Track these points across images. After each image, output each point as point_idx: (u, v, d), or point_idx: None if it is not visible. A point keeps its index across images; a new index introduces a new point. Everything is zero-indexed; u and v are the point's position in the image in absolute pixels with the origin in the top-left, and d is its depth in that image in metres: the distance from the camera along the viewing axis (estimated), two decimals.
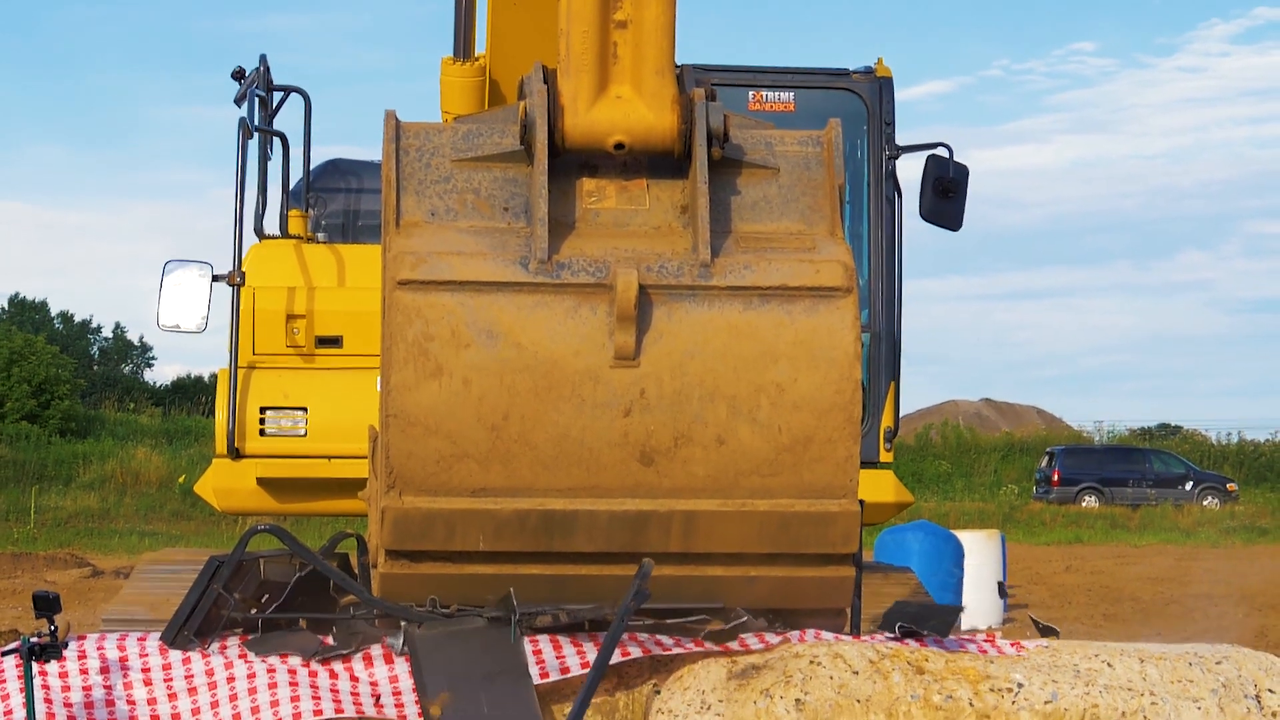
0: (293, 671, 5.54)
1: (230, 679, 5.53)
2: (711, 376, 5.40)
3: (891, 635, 5.76)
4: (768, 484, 5.46)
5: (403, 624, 5.64)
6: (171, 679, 5.53)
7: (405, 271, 5.36)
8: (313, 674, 5.54)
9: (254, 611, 5.79)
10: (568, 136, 5.45)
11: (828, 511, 5.51)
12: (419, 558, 5.55)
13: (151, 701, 5.47)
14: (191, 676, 5.54)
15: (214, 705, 5.46)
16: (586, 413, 5.37)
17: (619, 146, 5.49)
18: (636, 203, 5.60)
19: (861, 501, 5.65)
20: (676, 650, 5.55)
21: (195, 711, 5.45)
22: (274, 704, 5.41)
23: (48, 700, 5.31)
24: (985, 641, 5.66)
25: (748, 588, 5.63)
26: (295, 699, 5.44)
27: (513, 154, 5.54)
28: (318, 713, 5.39)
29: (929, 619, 5.86)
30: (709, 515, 5.48)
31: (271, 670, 5.54)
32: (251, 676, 5.52)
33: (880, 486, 8.05)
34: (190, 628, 5.67)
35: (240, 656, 5.60)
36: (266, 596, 5.89)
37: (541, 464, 5.40)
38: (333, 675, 5.55)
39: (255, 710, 5.43)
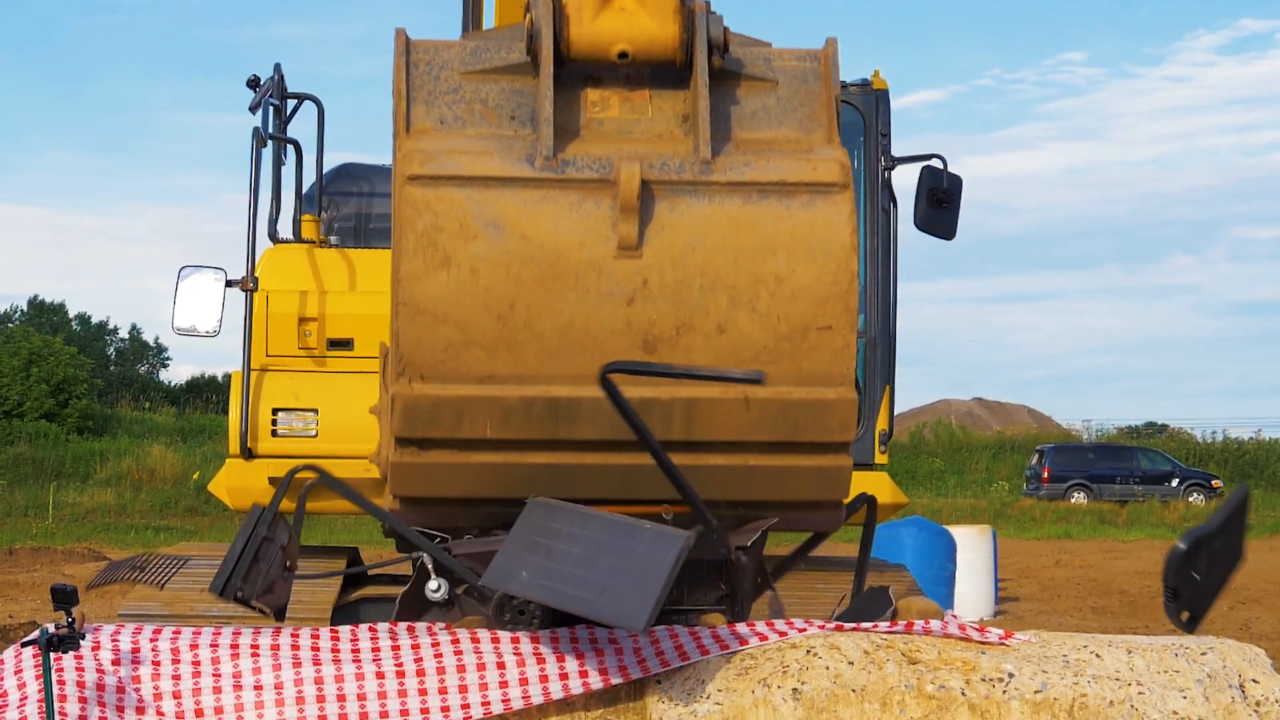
0: (298, 664, 5.55)
1: (237, 673, 5.53)
2: (712, 267, 5.43)
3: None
4: (767, 372, 5.47)
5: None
6: (179, 670, 5.54)
7: (414, 167, 5.40)
8: (335, 667, 5.55)
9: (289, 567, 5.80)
10: (573, 45, 5.48)
11: (825, 399, 5.53)
12: (427, 445, 5.56)
13: (158, 696, 5.49)
14: (198, 664, 5.55)
15: (217, 691, 5.47)
16: (590, 302, 5.40)
17: (622, 56, 5.52)
18: (639, 112, 5.63)
19: (872, 498, 5.65)
20: (678, 663, 5.55)
21: (197, 693, 5.46)
22: (300, 700, 5.43)
23: (61, 697, 5.31)
24: (976, 631, 5.67)
25: (748, 478, 5.61)
26: (300, 700, 5.45)
27: (519, 66, 5.57)
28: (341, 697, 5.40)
29: (868, 613, 5.91)
30: (710, 402, 5.50)
31: (280, 667, 5.55)
32: (278, 669, 5.54)
33: (876, 488, 8.06)
34: (239, 575, 5.69)
35: (252, 648, 5.62)
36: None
37: (547, 352, 5.42)
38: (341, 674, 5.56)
39: (272, 704, 5.44)
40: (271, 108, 8.22)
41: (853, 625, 5.69)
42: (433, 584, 5.86)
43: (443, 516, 5.80)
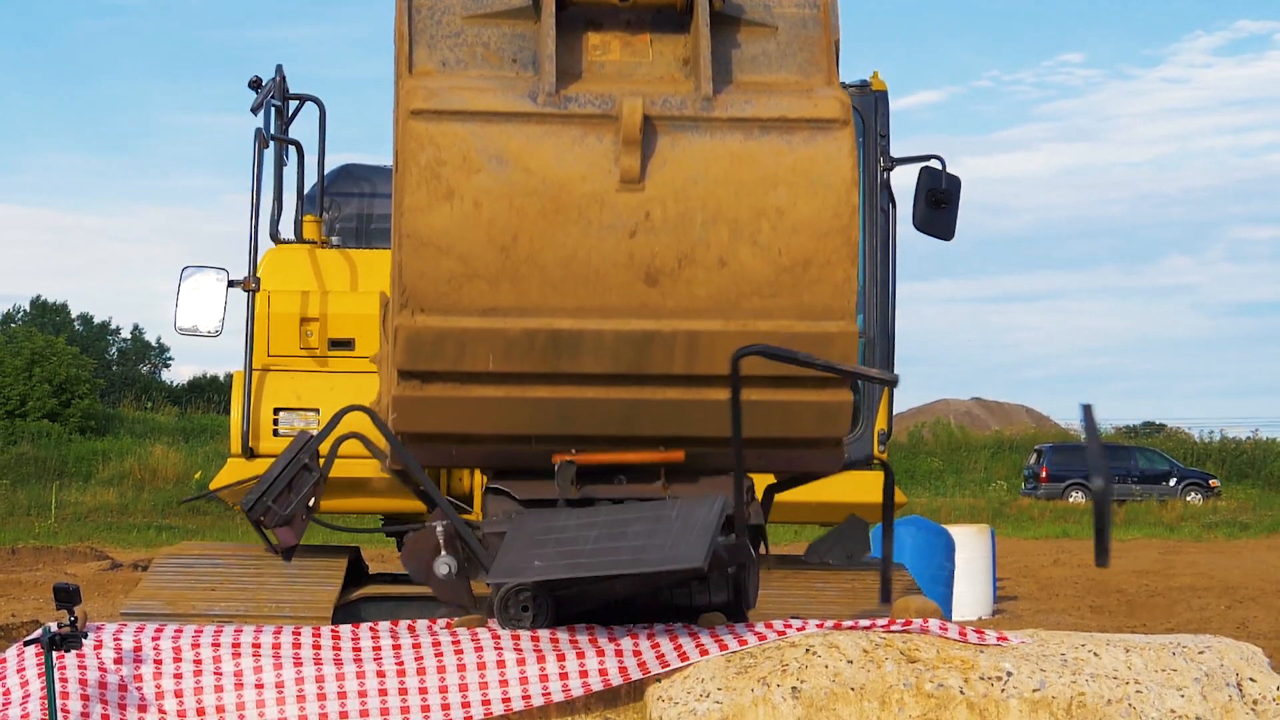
0: (299, 664, 5.55)
1: (238, 671, 5.53)
2: (714, 201, 5.46)
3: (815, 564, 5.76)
4: (768, 305, 5.51)
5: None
6: (180, 668, 5.54)
7: (417, 102, 5.42)
8: (337, 663, 5.55)
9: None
10: None
11: (826, 332, 5.55)
12: (429, 379, 5.57)
13: (159, 694, 5.49)
14: (199, 662, 5.55)
15: (218, 690, 5.48)
16: (593, 234, 5.43)
17: None
18: (640, 55, 5.65)
19: (887, 466, 5.57)
20: (678, 663, 5.54)
21: (198, 691, 5.47)
22: (300, 699, 5.43)
23: (64, 694, 5.31)
24: (974, 632, 5.67)
25: (749, 413, 5.60)
26: (301, 698, 5.45)
27: (521, 10, 5.59)
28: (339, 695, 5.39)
29: (842, 544, 5.92)
30: (711, 335, 5.51)
31: (281, 666, 5.55)
32: (279, 668, 5.53)
33: (874, 488, 8.05)
34: (270, 495, 5.71)
35: (254, 642, 5.61)
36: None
37: (549, 284, 5.44)
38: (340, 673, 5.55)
39: (268, 703, 5.44)
40: (273, 109, 8.22)
41: (851, 624, 5.69)
42: (442, 562, 5.87)
43: (444, 455, 5.79)
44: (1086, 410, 5.76)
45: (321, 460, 5.88)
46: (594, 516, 5.69)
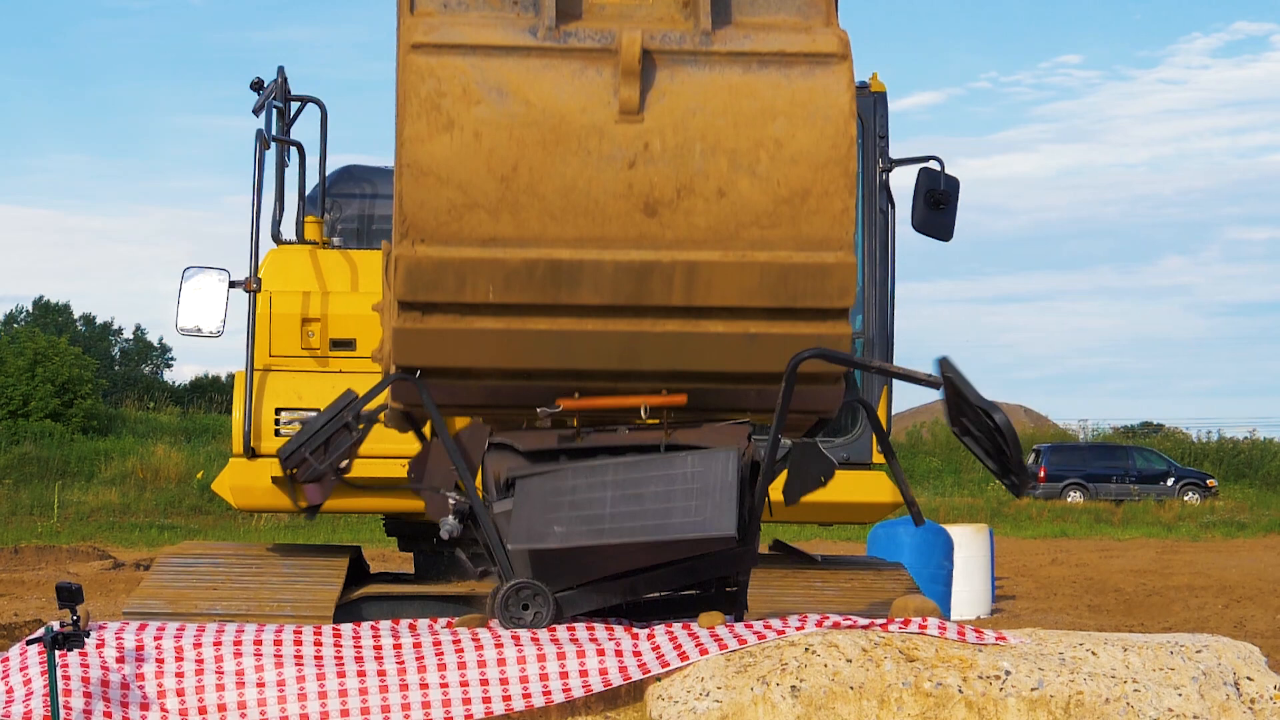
0: (300, 660, 5.55)
1: (239, 670, 5.53)
2: (713, 132, 5.48)
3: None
4: (766, 236, 5.52)
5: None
6: (182, 667, 5.54)
7: (418, 36, 5.46)
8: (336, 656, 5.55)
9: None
10: None
11: (825, 263, 5.56)
12: (429, 310, 5.58)
13: (161, 693, 5.49)
14: (201, 661, 5.55)
15: (220, 689, 5.48)
16: (592, 165, 5.45)
17: None
18: None
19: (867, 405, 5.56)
20: (678, 663, 5.54)
21: (200, 690, 5.47)
22: (302, 697, 5.43)
23: (66, 691, 5.31)
24: (972, 631, 5.66)
25: (748, 347, 5.61)
26: (302, 697, 5.45)
27: None
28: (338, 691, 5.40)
29: (803, 474, 5.95)
30: (710, 265, 5.53)
31: (283, 664, 5.55)
32: (280, 666, 5.53)
33: (873, 487, 8.06)
34: (309, 447, 5.72)
35: (255, 640, 5.62)
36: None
37: (549, 214, 5.46)
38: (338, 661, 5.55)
39: (272, 701, 5.44)
40: (275, 110, 8.21)
41: (850, 622, 5.69)
42: (447, 524, 5.89)
43: (445, 393, 5.78)
44: (944, 363, 5.80)
45: (361, 426, 5.89)
46: (602, 475, 5.71)
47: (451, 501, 5.88)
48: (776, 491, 7.71)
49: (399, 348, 5.65)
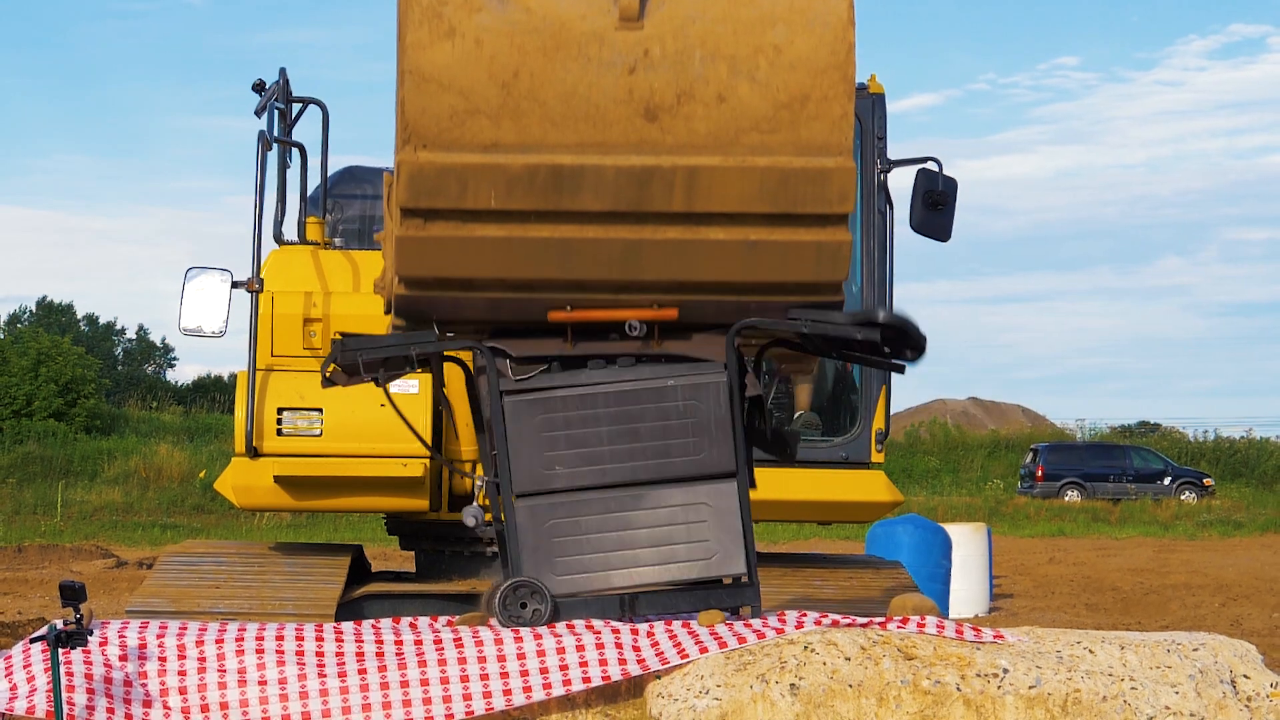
0: (300, 659, 5.55)
1: (241, 668, 5.54)
2: (712, 38, 5.50)
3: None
4: (766, 141, 5.54)
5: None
6: (185, 665, 5.55)
7: None
8: (338, 658, 5.55)
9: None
10: None
11: (824, 168, 5.57)
12: (431, 217, 5.58)
13: (164, 690, 5.49)
14: (204, 659, 5.55)
15: (222, 686, 5.48)
16: (593, 70, 5.47)
17: None
18: None
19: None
20: (677, 660, 5.55)
21: (202, 688, 5.47)
22: (304, 695, 5.43)
23: (69, 688, 5.31)
24: (971, 630, 5.67)
25: (748, 255, 5.62)
26: (304, 695, 5.46)
27: None
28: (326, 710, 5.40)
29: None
30: (710, 171, 5.54)
31: (285, 662, 5.55)
32: (283, 664, 5.54)
33: (872, 486, 8.05)
34: (368, 354, 5.84)
35: (257, 637, 5.62)
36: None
37: (550, 120, 5.48)
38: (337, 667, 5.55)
39: (272, 700, 5.44)
40: (277, 111, 8.21)
41: (849, 621, 5.69)
42: (471, 512, 5.92)
43: (447, 305, 5.78)
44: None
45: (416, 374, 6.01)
46: (594, 407, 5.77)
47: (479, 484, 5.93)
48: (777, 491, 7.73)
49: (401, 256, 5.65)
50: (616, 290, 5.74)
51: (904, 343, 5.92)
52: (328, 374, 6.02)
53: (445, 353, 6.11)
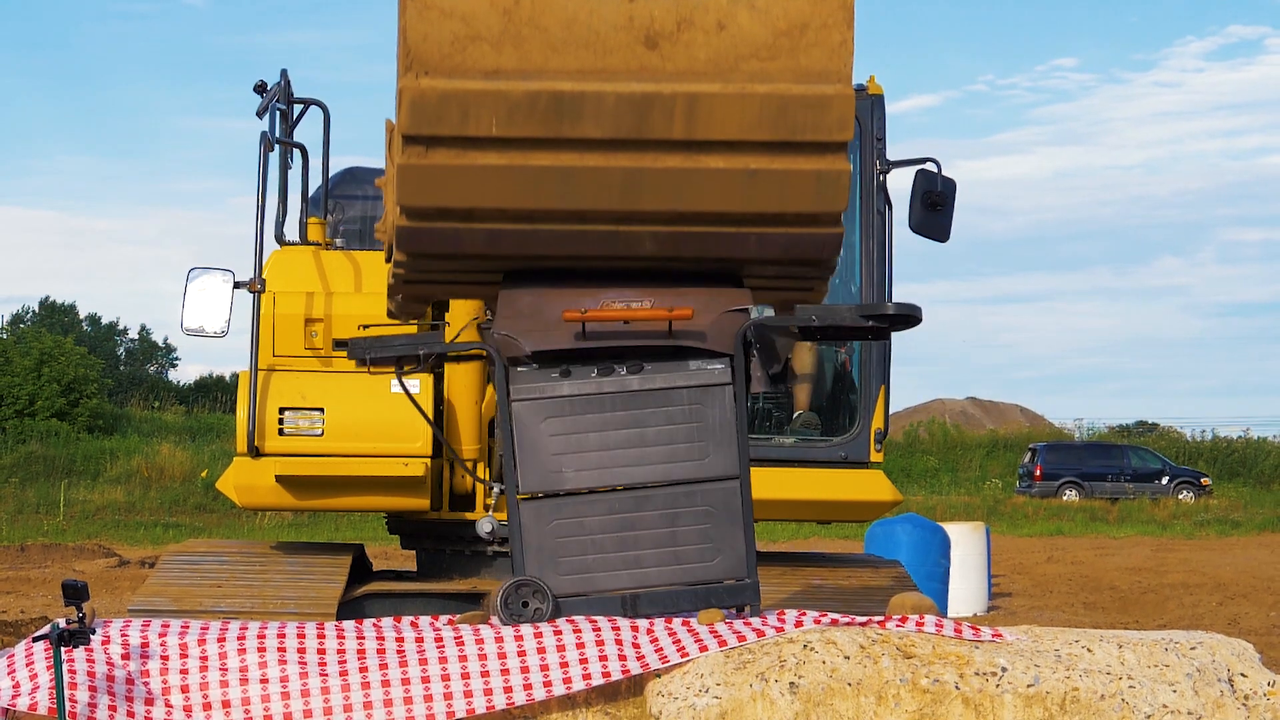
0: (301, 656, 5.55)
1: (243, 667, 5.54)
2: None
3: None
4: (766, 68, 5.53)
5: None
6: (187, 664, 5.55)
7: None
8: (341, 660, 5.55)
9: None
10: None
11: (824, 94, 5.56)
12: (433, 144, 5.57)
13: (166, 689, 5.49)
14: (205, 658, 5.55)
15: (224, 685, 5.48)
16: None
17: None
18: None
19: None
20: (677, 659, 5.55)
21: (204, 686, 5.47)
22: (303, 693, 5.44)
23: (72, 684, 5.32)
24: (969, 628, 5.67)
25: (748, 184, 5.62)
26: (305, 693, 5.46)
27: None
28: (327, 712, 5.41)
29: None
30: (710, 98, 5.53)
31: (286, 661, 5.55)
32: (284, 663, 5.54)
33: (871, 486, 8.06)
34: (376, 351, 5.91)
35: (259, 636, 5.62)
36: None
37: (551, 46, 5.48)
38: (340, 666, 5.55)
39: (279, 696, 5.44)
40: (278, 113, 8.21)
41: (848, 619, 5.69)
42: (485, 524, 5.95)
43: (449, 237, 5.77)
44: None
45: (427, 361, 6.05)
46: (601, 410, 5.83)
47: (495, 490, 5.96)
48: (776, 490, 7.73)
49: (403, 185, 5.65)
50: (616, 221, 5.74)
51: (905, 324, 6.08)
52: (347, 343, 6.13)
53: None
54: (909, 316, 6.04)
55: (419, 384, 7.58)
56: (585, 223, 5.72)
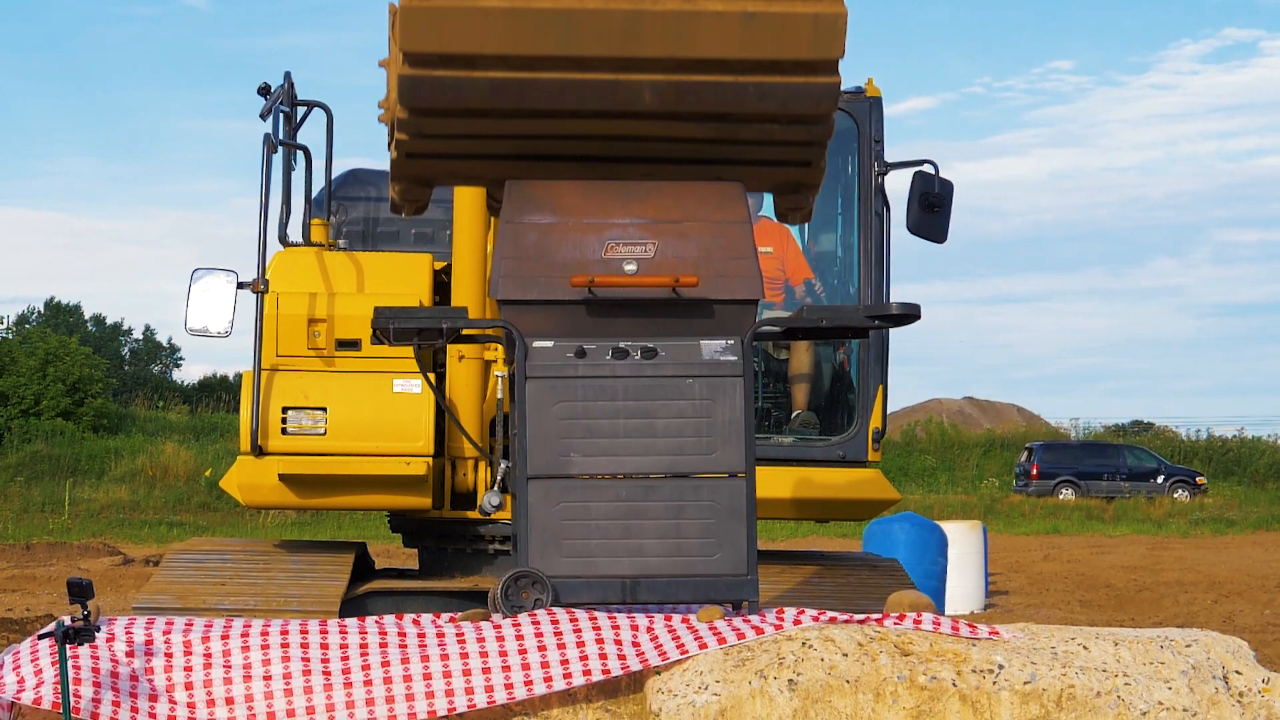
0: (304, 656, 5.55)
1: (247, 664, 5.54)
2: None
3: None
4: None
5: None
6: (191, 661, 5.55)
7: None
8: (342, 662, 5.56)
9: None
10: None
11: (816, 12, 5.63)
12: (434, 63, 5.61)
13: (170, 686, 5.50)
14: (209, 655, 5.56)
15: (228, 682, 5.49)
16: None
17: None
18: None
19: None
20: (677, 656, 5.55)
21: (208, 684, 5.48)
22: (307, 690, 5.44)
23: (76, 680, 5.32)
24: (966, 626, 5.67)
25: (746, 29, 5.63)
26: (309, 690, 5.46)
27: None
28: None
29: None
30: (695, 15, 5.60)
31: (290, 658, 5.55)
32: (288, 660, 5.54)
33: (869, 485, 8.06)
34: (399, 321, 5.94)
35: (262, 633, 5.62)
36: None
37: None
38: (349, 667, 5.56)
39: (278, 695, 5.45)
40: (281, 115, 8.21)
41: (846, 617, 5.69)
42: (493, 498, 5.96)
43: (451, 89, 5.75)
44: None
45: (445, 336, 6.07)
46: (614, 397, 5.85)
47: (503, 466, 5.98)
48: (775, 489, 7.73)
49: (406, 29, 5.65)
50: (617, 69, 5.76)
51: (906, 321, 6.27)
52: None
53: (467, 331, 6.17)
54: (910, 315, 6.20)
55: (420, 386, 7.58)
56: (586, 69, 5.73)
